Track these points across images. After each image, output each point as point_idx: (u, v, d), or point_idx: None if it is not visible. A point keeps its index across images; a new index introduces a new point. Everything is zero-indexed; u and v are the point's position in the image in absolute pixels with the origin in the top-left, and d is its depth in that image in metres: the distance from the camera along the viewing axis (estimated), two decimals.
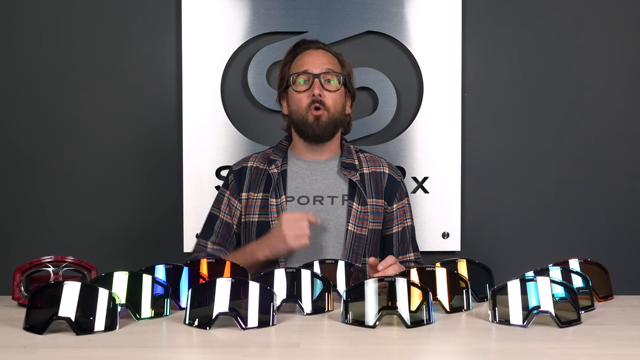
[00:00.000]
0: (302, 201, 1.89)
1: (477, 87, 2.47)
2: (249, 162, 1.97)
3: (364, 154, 2.00)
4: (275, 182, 1.88)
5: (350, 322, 1.37)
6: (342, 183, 1.91)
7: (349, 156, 1.96)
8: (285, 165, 1.93)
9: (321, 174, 1.92)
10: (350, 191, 1.90)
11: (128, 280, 1.41)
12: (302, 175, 1.92)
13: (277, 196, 1.88)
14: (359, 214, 1.88)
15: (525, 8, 2.46)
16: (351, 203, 1.88)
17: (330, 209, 1.88)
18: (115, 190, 2.44)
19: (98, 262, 1.65)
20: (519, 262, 2.37)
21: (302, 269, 1.49)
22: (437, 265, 1.56)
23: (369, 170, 1.95)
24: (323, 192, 1.90)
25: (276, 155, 1.95)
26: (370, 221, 1.89)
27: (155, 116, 2.43)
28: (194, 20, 2.40)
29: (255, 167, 1.95)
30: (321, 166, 1.94)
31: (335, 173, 1.93)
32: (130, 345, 1.24)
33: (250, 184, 1.92)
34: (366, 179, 1.93)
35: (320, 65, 1.89)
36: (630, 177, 2.50)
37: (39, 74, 2.41)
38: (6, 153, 2.42)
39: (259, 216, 1.88)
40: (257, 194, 1.90)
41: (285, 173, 1.92)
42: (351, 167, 1.93)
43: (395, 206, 1.95)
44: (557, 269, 1.55)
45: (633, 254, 2.50)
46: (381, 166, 1.98)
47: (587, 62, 2.48)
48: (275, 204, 1.87)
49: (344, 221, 1.87)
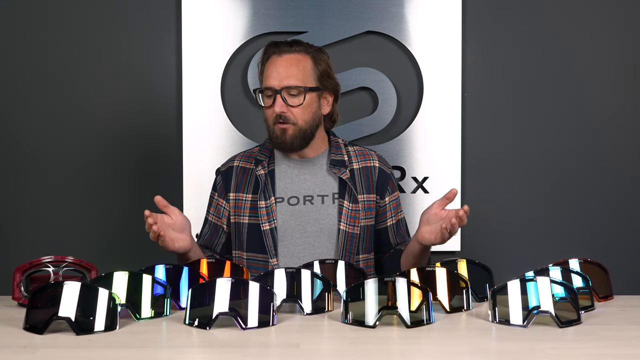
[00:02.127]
0: (292, 202, 1.86)
1: (477, 87, 2.47)
2: (235, 161, 1.93)
3: (353, 147, 1.94)
4: (264, 184, 1.85)
5: (350, 322, 1.37)
6: (332, 181, 1.88)
7: (338, 152, 1.90)
8: (273, 165, 1.89)
9: (310, 173, 1.89)
10: (341, 189, 1.87)
11: (128, 280, 1.41)
12: (290, 174, 1.88)
13: (266, 198, 1.84)
14: (351, 212, 1.85)
15: (525, 8, 2.46)
16: (342, 201, 1.85)
17: (321, 209, 1.86)
18: (116, 190, 2.44)
19: (98, 262, 1.64)
20: (519, 262, 2.37)
21: (302, 269, 1.49)
22: (437, 265, 1.56)
23: (358, 165, 1.90)
24: (313, 192, 1.87)
25: (262, 155, 1.90)
26: (362, 218, 1.86)
27: (155, 116, 2.43)
28: (194, 20, 2.40)
29: (242, 167, 1.91)
30: (309, 164, 1.89)
31: (325, 171, 1.89)
32: (130, 345, 1.24)
33: (238, 184, 1.89)
34: (356, 174, 1.89)
35: (282, 78, 1.78)
36: (631, 176, 2.50)
37: (39, 74, 2.41)
38: (6, 153, 2.42)
39: (249, 218, 1.86)
40: (246, 195, 1.87)
41: (273, 173, 1.88)
42: (340, 163, 1.88)
43: (388, 199, 1.92)
44: (557, 269, 1.55)
45: (633, 254, 2.50)
46: (371, 159, 1.93)
47: (587, 62, 2.48)
48: (265, 206, 1.83)
49: (335, 220, 1.85)
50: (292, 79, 1.79)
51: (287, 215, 1.85)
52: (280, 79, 1.79)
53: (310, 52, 1.84)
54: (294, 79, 1.80)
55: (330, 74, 1.87)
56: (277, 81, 1.79)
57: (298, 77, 1.80)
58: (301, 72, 1.81)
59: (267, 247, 1.82)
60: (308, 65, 1.83)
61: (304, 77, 1.81)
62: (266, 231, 1.82)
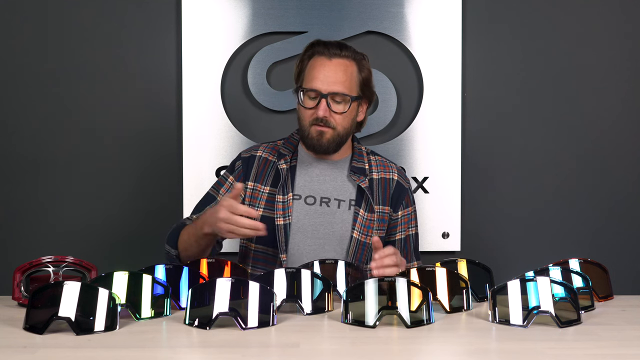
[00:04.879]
0: (309, 201, 1.85)
1: (477, 87, 2.47)
2: (259, 151, 1.91)
3: (375, 157, 1.94)
4: (284, 179, 1.84)
5: (350, 322, 1.37)
6: (351, 187, 1.87)
7: (360, 159, 1.90)
8: (295, 161, 1.89)
9: (330, 175, 1.88)
10: (358, 197, 1.86)
11: (128, 280, 1.41)
12: (310, 173, 1.88)
13: (285, 193, 1.84)
14: (365, 222, 1.84)
15: (525, 8, 2.46)
16: (358, 209, 1.85)
17: (336, 213, 1.85)
18: (116, 191, 2.44)
19: (98, 262, 1.65)
20: (519, 262, 2.37)
21: (302, 269, 1.49)
22: (437, 265, 1.56)
23: (378, 176, 1.90)
24: (330, 194, 1.86)
25: (286, 149, 1.89)
26: (375, 229, 1.86)
27: (155, 116, 2.43)
28: (194, 20, 2.40)
29: (264, 157, 1.90)
30: (331, 167, 1.89)
31: (345, 176, 1.88)
32: (130, 345, 1.24)
33: (258, 174, 1.88)
34: (375, 184, 1.89)
35: (330, 83, 1.77)
36: (631, 176, 2.50)
37: (38, 74, 2.41)
38: (6, 153, 2.42)
39: (264, 210, 1.84)
40: (265, 187, 1.86)
41: (295, 169, 1.87)
42: (361, 171, 1.88)
43: (400, 213, 1.91)
44: (557, 269, 1.55)
45: (633, 254, 2.50)
46: (391, 172, 1.92)
47: (587, 62, 2.48)
48: (282, 201, 1.83)
49: (349, 227, 1.84)
50: (340, 85, 1.78)
51: (302, 214, 1.84)
52: (329, 83, 1.78)
53: (357, 58, 1.84)
54: (342, 86, 1.79)
55: (370, 82, 1.87)
56: (325, 85, 1.78)
57: (345, 84, 1.79)
58: (348, 79, 1.80)
59: (279, 242, 1.80)
60: (354, 72, 1.82)
61: (351, 84, 1.81)
62: (279, 226, 1.81)
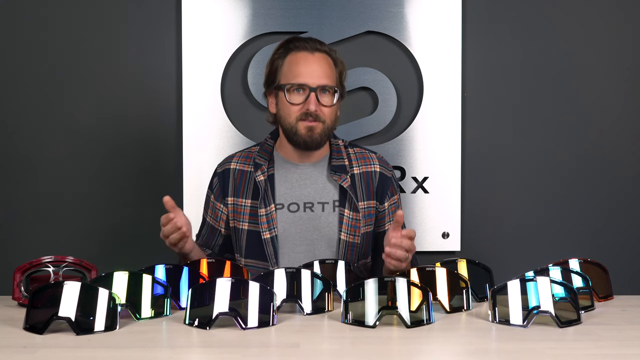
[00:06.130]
0: (292, 208, 1.83)
1: (477, 87, 2.47)
2: (232, 163, 1.88)
3: (354, 150, 1.91)
4: (263, 190, 1.81)
5: (350, 322, 1.37)
6: (332, 188, 1.85)
7: (339, 156, 1.87)
8: (272, 169, 1.85)
9: (310, 178, 1.85)
10: (341, 197, 1.84)
11: (128, 280, 1.41)
12: (290, 179, 1.85)
13: (266, 205, 1.81)
14: (351, 222, 1.83)
15: (525, 8, 2.46)
16: (342, 210, 1.82)
17: (322, 216, 1.83)
18: (115, 190, 2.43)
19: (98, 262, 1.64)
20: (519, 262, 2.36)
21: (302, 269, 1.49)
22: (437, 265, 1.56)
23: (359, 170, 1.87)
24: (313, 198, 1.83)
25: (262, 159, 1.85)
26: (362, 226, 1.84)
27: (155, 116, 2.43)
28: (194, 20, 2.40)
29: (240, 169, 1.87)
30: (310, 169, 1.86)
31: (325, 177, 1.86)
32: (130, 345, 1.24)
33: (236, 188, 1.85)
34: (357, 180, 1.86)
35: (317, 76, 1.77)
36: (631, 176, 2.50)
37: (38, 74, 2.41)
38: (6, 153, 2.42)
39: (248, 224, 1.83)
40: (245, 200, 1.84)
41: (273, 178, 1.84)
42: (341, 169, 1.84)
43: (387, 204, 1.89)
44: (557, 269, 1.55)
45: (633, 254, 2.50)
46: (372, 164, 1.89)
47: (587, 62, 2.48)
48: (265, 214, 1.80)
49: (335, 229, 1.82)
50: (326, 78, 1.79)
51: (288, 222, 1.82)
52: (316, 77, 1.77)
53: (332, 53, 1.84)
54: (328, 79, 1.79)
55: (343, 78, 1.87)
56: (313, 79, 1.77)
57: (331, 77, 1.80)
58: (332, 72, 1.81)
59: (268, 255, 1.80)
60: (333, 66, 1.83)
61: (333, 77, 1.82)
62: (267, 240, 1.80)
